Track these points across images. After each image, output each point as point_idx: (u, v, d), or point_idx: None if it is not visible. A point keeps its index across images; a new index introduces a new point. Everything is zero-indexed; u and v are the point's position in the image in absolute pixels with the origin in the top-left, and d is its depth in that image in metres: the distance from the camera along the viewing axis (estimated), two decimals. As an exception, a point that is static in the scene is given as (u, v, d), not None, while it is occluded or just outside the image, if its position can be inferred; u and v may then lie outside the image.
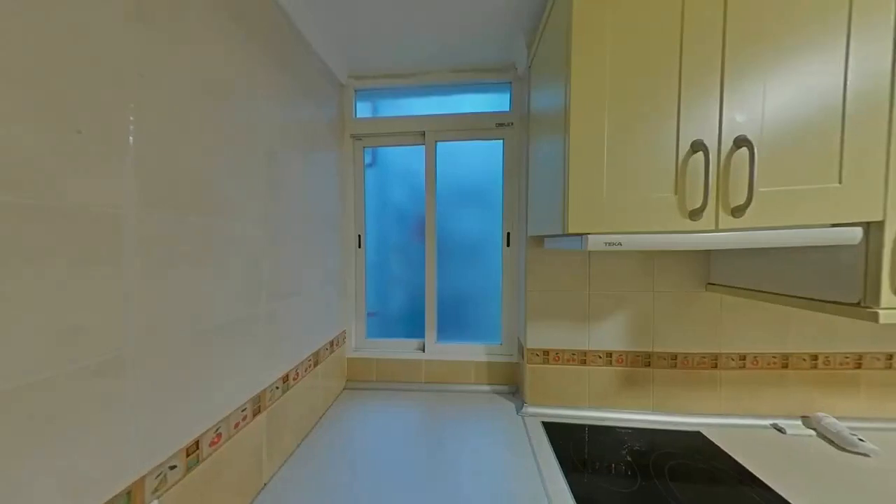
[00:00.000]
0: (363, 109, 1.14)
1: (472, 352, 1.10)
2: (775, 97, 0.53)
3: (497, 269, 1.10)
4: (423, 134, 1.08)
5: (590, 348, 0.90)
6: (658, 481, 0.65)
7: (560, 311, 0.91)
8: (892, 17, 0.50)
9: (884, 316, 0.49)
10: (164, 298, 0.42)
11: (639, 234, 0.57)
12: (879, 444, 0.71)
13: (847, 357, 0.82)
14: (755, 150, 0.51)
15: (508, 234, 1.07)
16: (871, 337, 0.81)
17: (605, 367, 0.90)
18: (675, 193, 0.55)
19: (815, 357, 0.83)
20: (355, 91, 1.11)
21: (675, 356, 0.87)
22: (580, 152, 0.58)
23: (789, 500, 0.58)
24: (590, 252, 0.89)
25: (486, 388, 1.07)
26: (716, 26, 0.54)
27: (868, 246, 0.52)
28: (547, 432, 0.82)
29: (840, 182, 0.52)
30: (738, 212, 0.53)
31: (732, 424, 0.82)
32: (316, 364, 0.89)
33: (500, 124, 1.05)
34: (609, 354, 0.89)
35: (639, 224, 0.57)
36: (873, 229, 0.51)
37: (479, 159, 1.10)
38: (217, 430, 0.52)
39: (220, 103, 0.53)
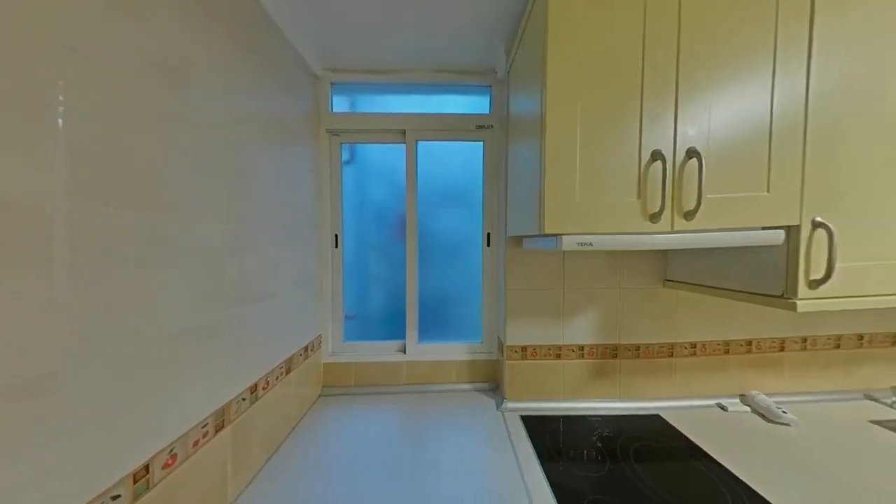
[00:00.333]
0: (340, 104, 1.10)
1: (453, 351, 1.10)
2: (719, 115, 0.60)
3: (478, 269, 1.12)
4: (404, 132, 1.07)
5: (564, 343, 0.95)
6: (624, 463, 0.70)
7: (537, 309, 0.95)
8: (805, 56, 0.59)
9: (801, 305, 0.58)
10: (104, 305, 0.37)
11: (607, 235, 0.61)
12: (798, 414, 0.83)
13: (774, 342, 0.95)
14: (703, 161, 0.57)
15: (489, 234, 1.10)
16: (791, 324, 0.95)
17: (577, 361, 0.95)
18: (638, 198, 0.60)
19: (749, 343, 0.95)
20: (331, 84, 1.07)
21: (638, 347, 0.95)
22: (555, 157, 0.60)
23: (730, 469, 0.67)
24: (564, 252, 0.94)
25: (468, 386, 1.09)
26: (671, 51, 0.59)
27: (788, 246, 0.61)
28: (525, 426, 0.85)
29: (768, 191, 0.60)
30: (689, 215, 0.60)
31: (685, 406, 0.92)
32: (289, 371, 0.84)
33: (481, 126, 1.07)
34: (581, 348, 0.95)
35: (607, 225, 0.61)
36: (793, 232, 0.60)
37: (460, 160, 1.11)
38: (172, 450, 0.46)
39: (175, 87, 0.47)
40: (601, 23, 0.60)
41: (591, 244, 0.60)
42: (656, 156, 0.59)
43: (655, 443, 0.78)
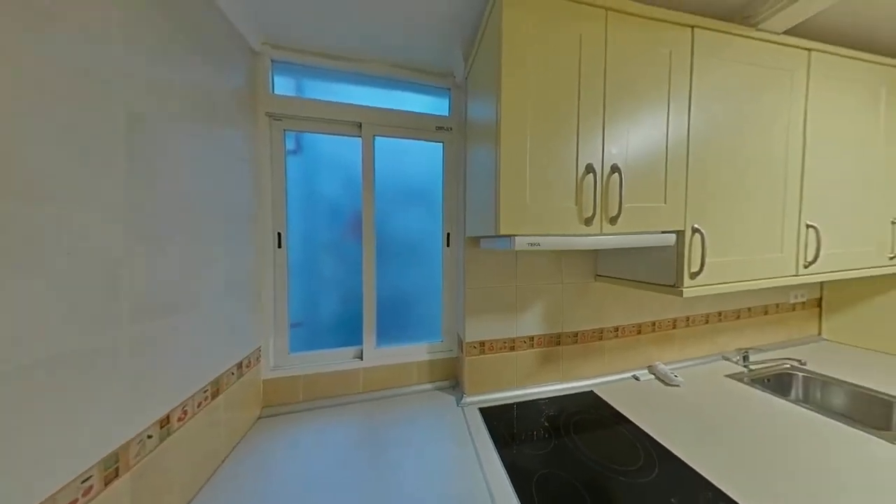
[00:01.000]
0: (284, 86, 0.97)
1: (413, 352, 1.09)
2: (633, 139, 0.73)
3: (438, 269, 1.13)
4: (360, 126, 1.01)
5: (517, 336, 1.03)
6: (566, 437, 0.80)
7: (494, 305, 1.00)
8: (687, 103, 0.76)
9: (685, 292, 0.75)
10: None
11: (552, 236, 0.68)
12: (684, 376, 1.07)
13: (669, 321, 1.21)
14: (623, 176, 0.69)
15: (448, 234, 1.12)
16: (680, 307, 1.22)
17: (528, 350, 1.04)
18: (576, 204, 0.69)
19: (653, 324, 1.18)
20: (272, 62, 0.94)
21: (576, 334, 1.09)
22: (509, 166, 0.65)
23: (641, 427, 0.82)
24: (517, 251, 1.02)
25: (429, 386, 1.08)
26: (600, 82, 0.69)
27: (677, 247, 0.78)
28: (483, 417, 0.89)
29: (665, 203, 0.76)
30: (613, 220, 0.71)
31: (610, 381, 1.09)
32: (216, 394, 0.71)
33: (440, 128, 1.08)
34: (531, 339, 1.04)
35: (552, 228, 0.68)
36: (680, 235, 0.77)
37: (422, 159, 1.10)
38: (32, 521, 0.34)
39: (35, 34, 0.35)
40: (547, 49, 0.67)
41: (539, 244, 0.67)
42: (589, 169, 0.68)
43: (589, 415, 0.91)
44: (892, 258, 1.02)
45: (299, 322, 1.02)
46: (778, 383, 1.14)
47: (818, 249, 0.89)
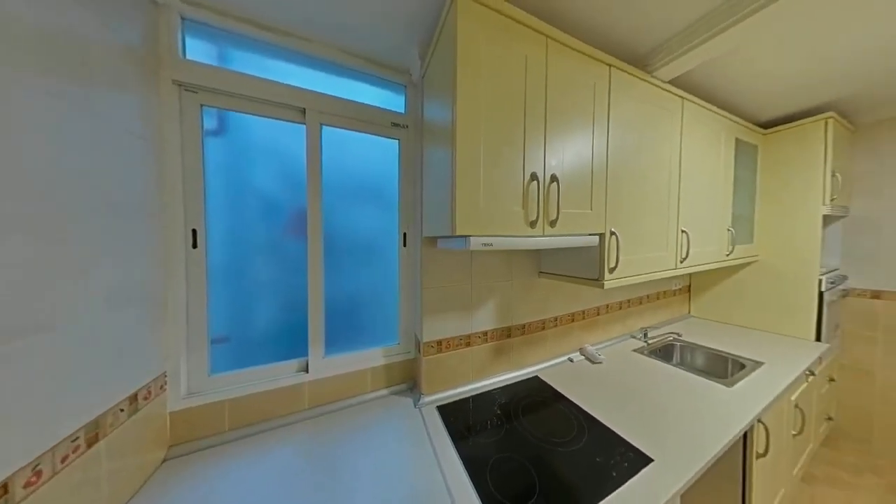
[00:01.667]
0: (200, 52, 0.80)
1: (368, 358, 1.03)
2: (568, 153, 0.84)
3: (394, 269, 1.09)
4: (304, 112, 0.90)
5: (472, 332, 1.07)
6: (516, 421, 0.87)
7: (450, 304, 1.02)
8: (606, 127, 0.92)
9: (606, 285, 0.90)
10: None
11: (502, 237, 0.73)
12: (605, 354, 1.29)
13: (594, 309, 1.43)
14: (560, 185, 0.79)
15: (405, 234, 1.09)
16: (601, 297, 1.46)
17: (483, 345, 1.10)
18: (523, 208, 0.76)
19: (583, 312, 1.38)
20: (182, 19, 0.76)
21: (524, 326, 1.19)
22: (464, 170, 0.67)
23: (575, 402, 0.95)
24: (472, 251, 1.06)
25: (385, 391, 1.04)
26: (542, 100, 0.77)
27: (600, 247, 0.93)
28: (441, 415, 0.90)
29: (591, 209, 0.89)
30: (553, 224, 0.80)
31: (551, 365, 1.23)
32: (93, 441, 0.54)
33: (396, 125, 1.04)
34: (485, 333, 1.10)
35: (503, 229, 0.73)
36: (601, 238, 0.92)
37: (376, 155, 1.05)
38: None
39: None
40: (499, 63, 0.71)
41: (491, 244, 0.71)
42: (534, 177, 0.76)
43: (534, 398, 1.00)
44: (728, 255, 1.43)
45: (225, 336, 0.86)
46: (665, 352, 1.47)
47: (688, 249, 1.19)
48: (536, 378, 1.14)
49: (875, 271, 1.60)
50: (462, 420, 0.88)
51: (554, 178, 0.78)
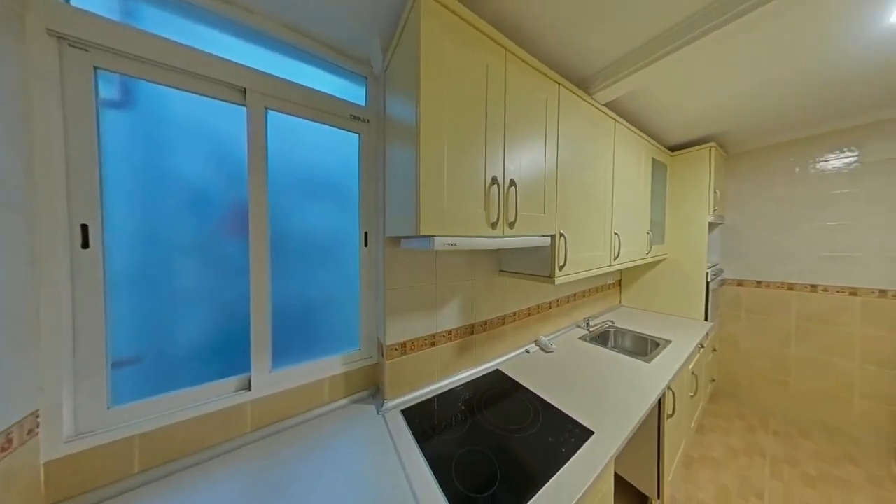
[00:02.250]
0: (96, 1, 0.63)
1: (325, 367, 0.95)
2: (525, 160, 0.90)
3: (354, 270, 1.03)
4: (245, 92, 0.79)
5: (437, 331, 1.07)
6: (479, 415, 0.90)
7: (414, 305, 1.01)
8: (556, 140, 1.01)
9: (556, 281, 1.00)
10: None
11: (466, 237, 0.75)
12: (556, 344, 1.43)
13: (547, 303, 1.57)
14: (518, 189, 0.85)
15: (366, 233, 1.03)
16: (553, 292, 1.61)
17: (447, 344, 1.11)
18: (485, 210, 0.79)
19: (538, 307, 1.51)
20: (67, -46, 0.59)
21: (486, 322, 1.24)
22: (428, 170, 0.66)
23: (531, 389, 1.02)
24: (436, 251, 1.06)
25: (344, 401, 0.97)
26: (501, 110, 0.82)
27: (551, 247, 1.02)
28: (406, 418, 0.88)
29: (544, 213, 0.98)
30: (512, 225, 0.85)
31: (510, 357, 1.31)
32: None
33: (356, 118, 0.98)
34: (450, 332, 1.12)
35: (466, 230, 0.75)
36: (553, 239, 1.02)
37: (334, 148, 0.97)
38: None
39: None
40: (461, 69, 0.73)
41: (455, 244, 0.72)
42: (494, 180, 0.80)
43: (495, 390, 1.06)
44: (647, 254, 1.72)
45: (134, 357, 0.69)
46: (602, 338, 1.70)
47: (620, 248, 1.39)
48: (497, 371, 1.20)
49: (739, 266, 2.11)
50: (427, 421, 0.87)
51: (512, 183, 0.83)
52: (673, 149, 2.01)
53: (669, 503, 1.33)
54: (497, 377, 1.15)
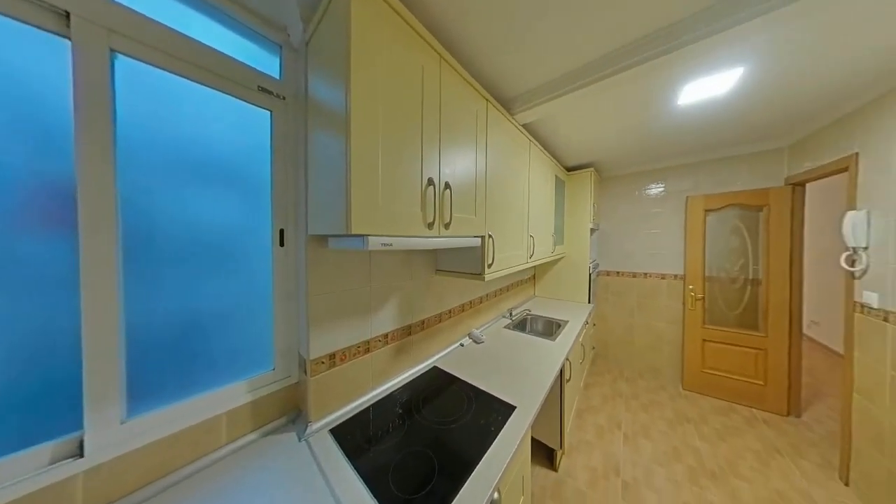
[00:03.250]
0: None
1: (220, 400, 0.74)
2: (459, 165, 0.95)
3: (266, 275, 0.84)
4: (67, 17, 0.53)
5: (372, 336, 1.01)
6: (417, 415, 0.89)
7: (346, 310, 0.91)
8: (485, 148, 1.12)
9: (486, 278, 1.09)
10: None
11: (402, 237, 0.73)
12: (487, 334, 1.57)
13: (478, 298, 1.71)
14: (452, 191, 0.88)
15: (282, 231, 0.87)
16: (484, 288, 1.76)
17: (384, 348, 1.05)
18: (421, 210, 0.79)
19: (471, 303, 1.62)
20: None
21: (423, 322, 1.25)
22: (361, 161, 0.61)
23: (466, 380, 1.09)
24: (370, 252, 0.99)
25: (253, 435, 0.79)
26: (436, 114, 0.84)
27: (482, 247, 1.12)
28: (335, 437, 0.79)
29: (475, 215, 1.06)
30: (447, 226, 0.89)
31: (447, 352, 1.36)
32: None
33: (266, 91, 0.81)
34: (386, 336, 1.06)
35: (403, 229, 0.73)
36: (483, 239, 1.11)
37: (236, 123, 0.77)
38: None
39: None
40: (396, 63, 0.70)
41: (391, 244, 0.69)
42: (430, 182, 0.80)
43: (433, 387, 1.07)
44: (552, 253, 2.10)
45: None
46: (522, 325, 1.97)
47: (534, 248, 1.64)
48: (435, 368, 1.22)
49: (607, 261, 2.85)
50: (362, 434, 0.80)
51: (448, 186, 0.86)
52: (569, 169, 2.54)
53: (568, 449, 1.67)
54: (434, 374, 1.17)
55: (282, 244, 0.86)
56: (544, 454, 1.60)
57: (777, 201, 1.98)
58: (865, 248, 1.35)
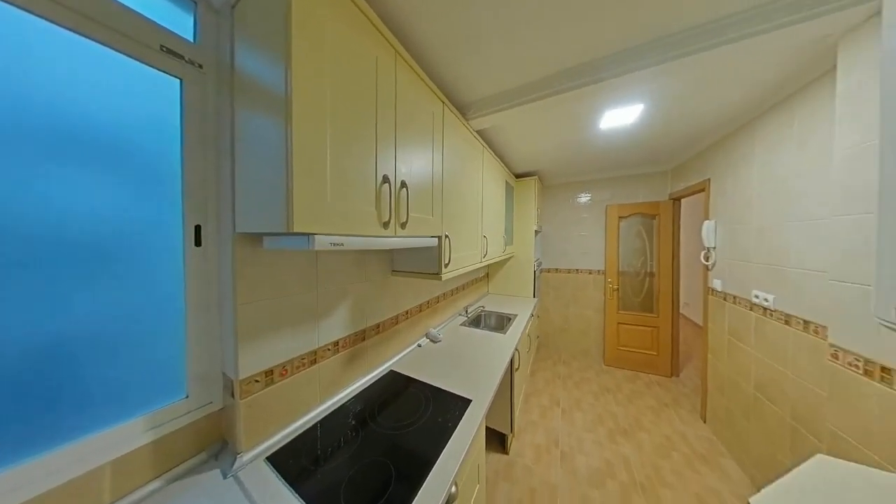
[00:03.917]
0: None
1: (103, 446, 0.57)
2: (415, 164, 0.94)
3: (175, 282, 0.68)
4: None
5: (319, 345, 0.91)
6: (372, 423, 0.85)
7: (286, 318, 0.81)
8: (441, 150, 1.13)
9: (443, 277, 1.11)
10: None
11: (355, 237, 0.68)
12: (444, 333, 1.59)
13: (436, 298, 1.72)
14: (409, 191, 0.87)
15: (198, 227, 0.71)
16: (440, 287, 1.79)
17: (333, 357, 0.97)
18: (376, 209, 0.75)
19: (428, 302, 1.62)
20: None
21: (379, 325, 1.19)
22: (304, 152, 0.54)
23: (423, 380, 1.08)
24: (318, 252, 0.90)
25: (155, 484, 0.62)
26: (391, 110, 0.81)
27: (439, 247, 1.13)
28: (273, 465, 0.69)
29: (432, 216, 1.06)
30: (404, 226, 0.87)
31: (404, 355, 1.33)
32: None
33: (173, 53, 0.65)
34: (336, 343, 0.98)
35: (356, 228, 0.68)
36: (440, 239, 1.13)
37: (132, 90, 0.59)
38: None
39: None
40: (345, 47, 0.65)
41: (342, 244, 0.64)
42: (385, 179, 0.77)
43: (391, 391, 1.04)
44: (503, 252, 2.26)
45: None
46: (477, 321, 2.07)
47: (487, 248, 1.74)
48: (391, 372, 1.18)
49: (548, 260, 3.22)
50: (307, 456, 0.72)
51: (404, 185, 0.84)
52: (518, 176, 2.77)
53: (518, 433, 1.82)
54: (391, 378, 1.13)
55: (198, 244, 0.71)
56: (497, 441, 1.71)
57: (664, 212, 2.56)
58: (714, 248, 1.85)
